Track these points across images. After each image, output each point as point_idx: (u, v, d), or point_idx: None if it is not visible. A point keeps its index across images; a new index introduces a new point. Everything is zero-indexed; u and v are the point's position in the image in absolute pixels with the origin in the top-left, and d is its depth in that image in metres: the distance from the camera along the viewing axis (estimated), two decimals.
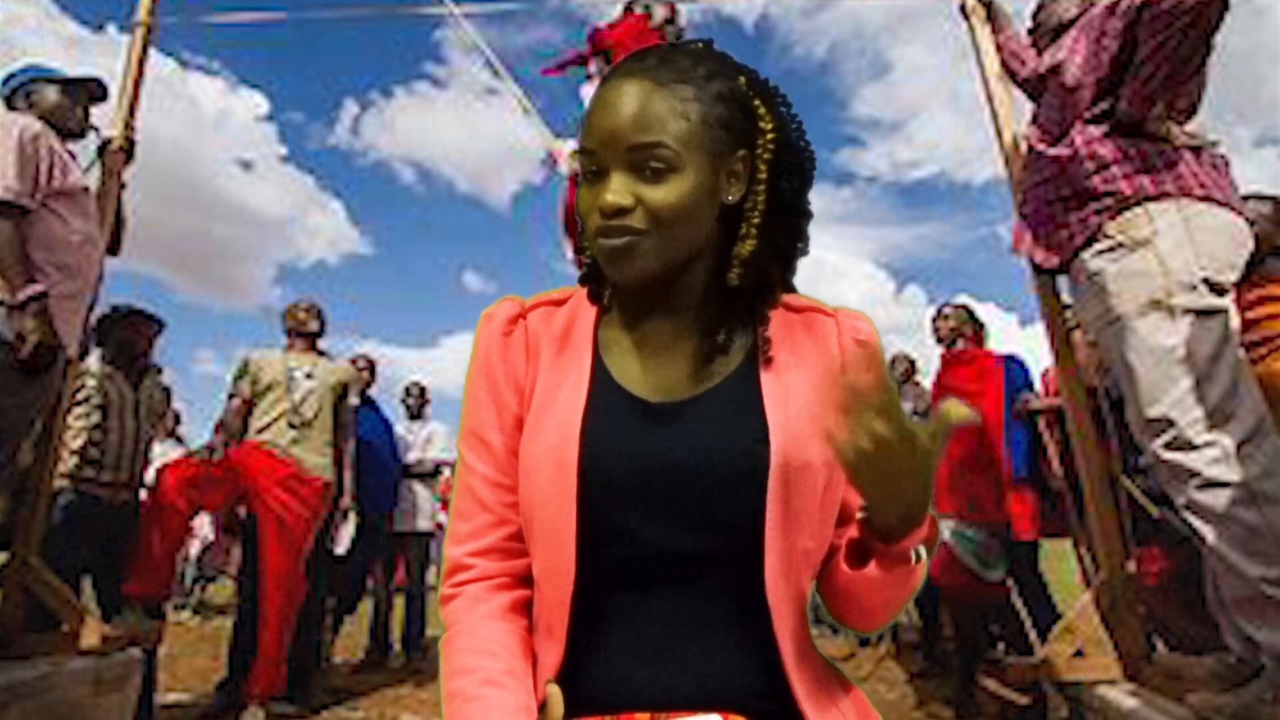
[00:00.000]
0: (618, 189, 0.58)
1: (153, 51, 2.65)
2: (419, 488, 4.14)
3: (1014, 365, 2.92)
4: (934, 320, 3.16)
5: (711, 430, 0.60)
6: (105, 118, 2.43)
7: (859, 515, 0.58)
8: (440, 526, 5.05)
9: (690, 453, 0.59)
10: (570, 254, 2.40)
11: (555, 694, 0.57)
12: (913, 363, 4.19)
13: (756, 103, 0.63)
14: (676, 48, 0.63)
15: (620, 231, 0.58)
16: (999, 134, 2.27)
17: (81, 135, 2.24)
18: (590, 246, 0.62)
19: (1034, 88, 2.01)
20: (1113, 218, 1.65)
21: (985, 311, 3.30)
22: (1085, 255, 1.70)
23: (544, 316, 0.68)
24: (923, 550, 0.58)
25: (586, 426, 0.59)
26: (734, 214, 0.63)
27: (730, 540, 0.58)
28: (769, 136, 0.63)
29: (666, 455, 0.59)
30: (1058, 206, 1.78)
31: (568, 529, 0.58)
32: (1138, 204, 1.62)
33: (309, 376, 3.03)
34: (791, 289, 0.68)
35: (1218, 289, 1.53)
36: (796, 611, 0.59)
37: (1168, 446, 1.50)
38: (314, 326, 3.18)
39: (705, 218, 0.61)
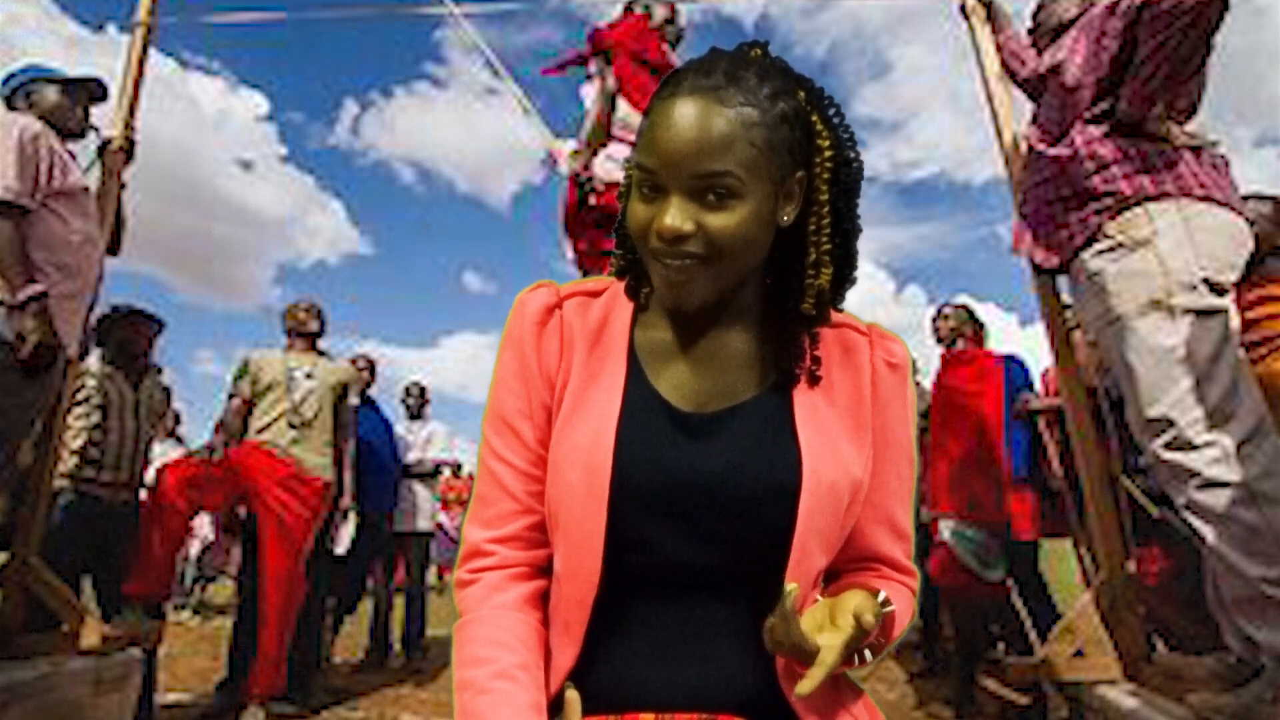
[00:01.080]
0: (678, 214, 0.57)
1: (153, 51, 2.65)
2: (419, 488, 4.14)
3: (1014, 365, 2.92)
4: (934, 320, 3.16)
5: (744, 448, 0.60)
6: (105, 118, 2.44)
7: None
8: (440, 527, 5.04)
9: (722, 470, 0.59)
10: (570, 254, 2.39)
11: (574, 699, 0.57)
12: (913, 363, 4.19)
13: (815, 119, 0.61)
14: (741, 60, 0.60)
15: (678, 258, 0.58)
16: (999, 134, 2.27)
17: (81, 135, 2.24)
18: (646, 262, 0.62)
19: (1034, 88, 2.01)
20: (1113, 218, 1.65)
21: (985, 311, 3.30)
22: (1085, 255, 1.70)
23: (579, 308, 0.67)
24: (868, 654, 0.59)
25: (621, 433, 0.59)
26: (786, 232, 0.62)
27: (753, 556, 0.59)
28: (826, 155, 0.61)
29: (698, 471, 0.59)
30: (1058, 206, 1.78)
31: (596, 534, 0.58)
32: (1138, 204, 1.62)
33: (309, 376, 3.03)
34: (840, 310, 0.67)
35: (1218, 289, 1.53)
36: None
37: (1168, 446, 1.50)
38: (314, 326, 3.18)
39: (763, 242, 0.61)
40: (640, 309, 0.68)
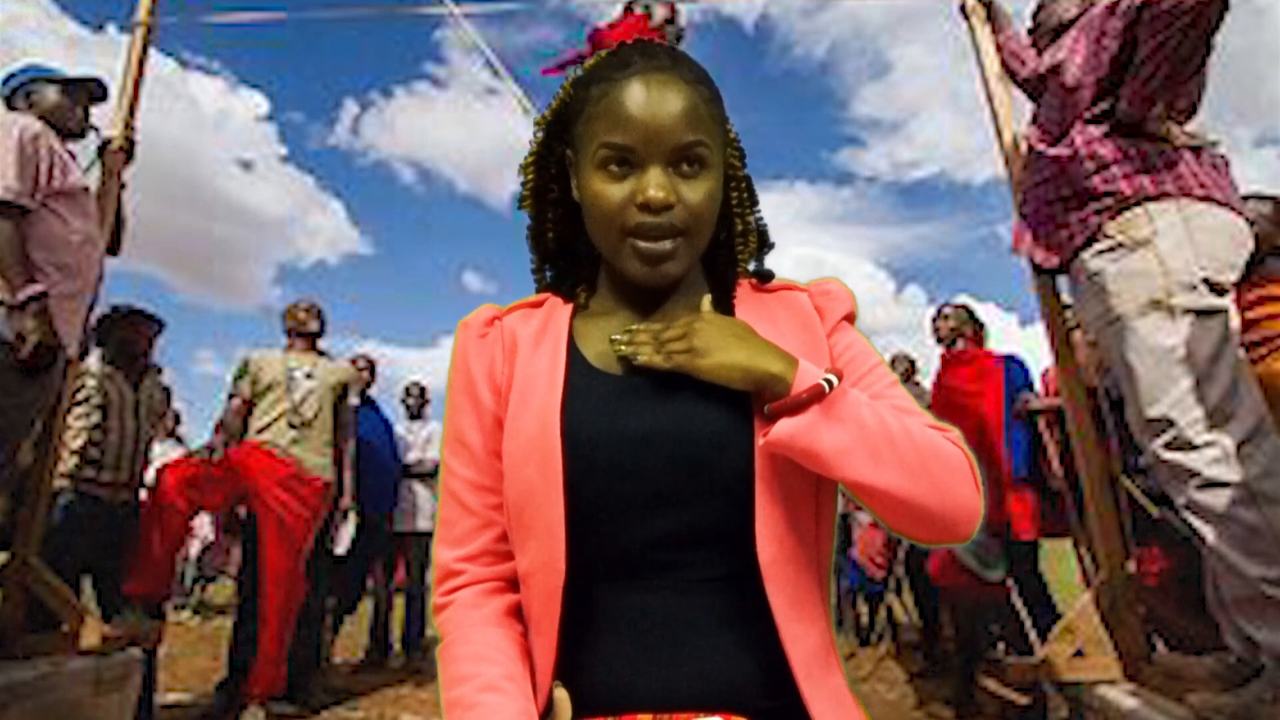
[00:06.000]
0: (664, 184, 0.59)
1: (153, 51, 2.65)
2: (419, 488, 4.14)
3: (1014, 365, 2.92)
4: (934, 320, 3.16)
5: (693, 396, 0.59)
6: (105, 118, 2.43)
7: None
8: None
9: (672, 418, 0.59)
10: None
11: (563, 699, 0.57)
12: (913, 363, 4.19)
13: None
14: (662, 47, 0.64)
15: (665, 230, 0.59)
16: (999, 134, 2.27)
17: (81, 135, 2.24)
18: (614, 243, 0.61)
19: (1034, 88, 2.02)
20: (1113, 218, 1.65)
21: (985, 311, 3.30)
22: (1085, 255, 1.70)
23: (522, 317, 0.69)
24: (832, 378, 0.56)
25: (566, 410, 0.59)
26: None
27: (720, 512, 0.57)
28: (732, 135, 0.67)
29: (648, 423, 0.59)
30: (1058, 206, 1.78)
31: (556, 517, 0.57)
32: (1138, 204, 1.62)
33: (309, 376, 3.03)
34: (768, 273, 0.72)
35: (1218, 289, 1.53)
36: (800, 595, 0.57)
37: (1168, 446, 1.50)
38: (314, 326, 3.18)
39: (716, 215, 0.64)
40: (580, 308, 0.69)
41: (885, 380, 0.64)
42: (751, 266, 0.70)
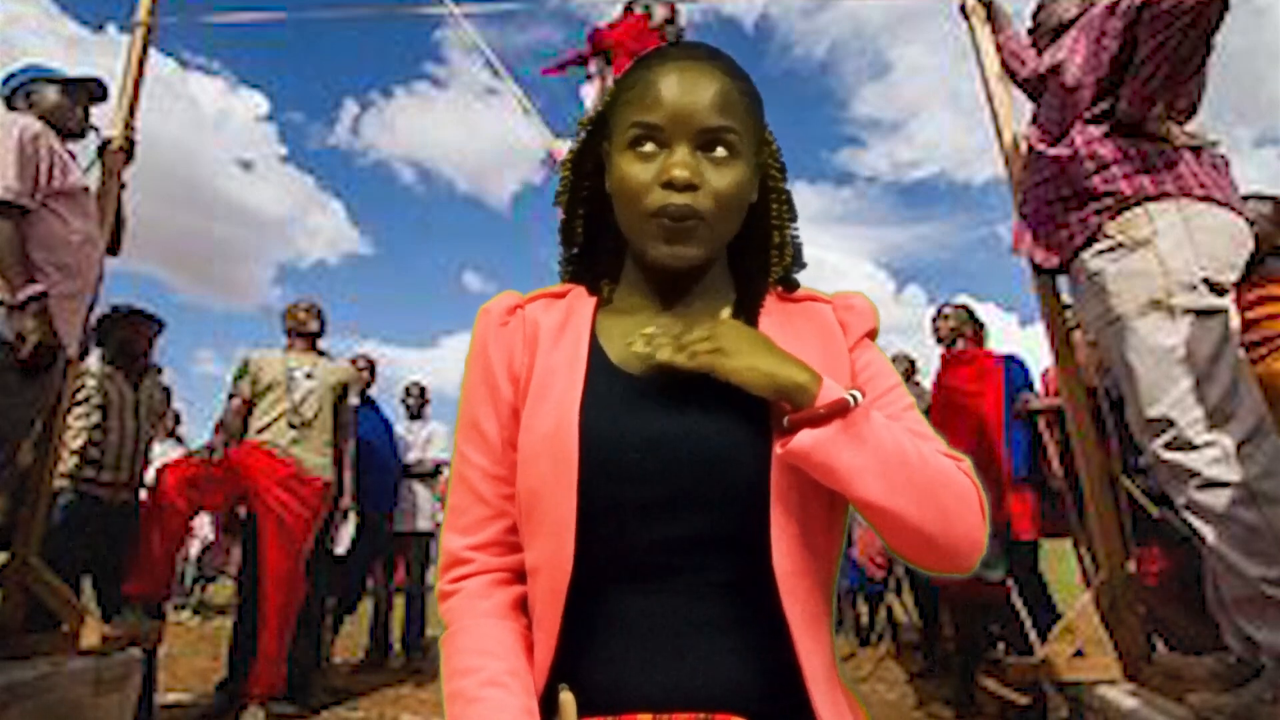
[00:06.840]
0: (689, 164, 0.58)
1: (153, 51, 2.65)
2: (419, 488, 4.14)
3: (1014, 365, 2.92)
4: (934, 320, 3.16)
5: (711, 401, 0.58)
6: (105, 118, 2.43)
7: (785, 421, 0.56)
8: (440, 526, 5.05)
9: (688, 423, 0.58)
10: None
11: (568, 701, 0.56)
12: (913, 363, 4.19)
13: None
14: (706, 45, 0.64)
15: (688, 212, 0.59)
16: (999, 134, 2.27)
17: (81, 135, 2.24)
18: (637, 223, 0.61)
19: (1034, 88, 2.02)
20: (1113, 218, 1.65)
21: (985, 311, 3.30)
22: (1085, 255, 1.70)
23: (544, 307, 0.68)
24: (856, 394, 0.55)
25: (584, 410, 0.59)
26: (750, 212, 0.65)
27: (734, 519, 0.57)
28: (774, 147, 0.67)
29: (664, 426, 0.58)
30: (1058, 206, 1.78)
31: (566, 515, 0.56)
32: (1138, 204, 1.62)
33: (309, 376, 3.03)
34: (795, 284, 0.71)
35: (1218, 289, 1.53)
36: (812, 607, 0.57)
37: (1168, 446, 1.50)
38: (314, 326, 3.18)
39: (742, 212, 0.63)
40: (604, 301, 0.68)
41: (902, 402, 0.64)
42: (777, 279, 0.70)
